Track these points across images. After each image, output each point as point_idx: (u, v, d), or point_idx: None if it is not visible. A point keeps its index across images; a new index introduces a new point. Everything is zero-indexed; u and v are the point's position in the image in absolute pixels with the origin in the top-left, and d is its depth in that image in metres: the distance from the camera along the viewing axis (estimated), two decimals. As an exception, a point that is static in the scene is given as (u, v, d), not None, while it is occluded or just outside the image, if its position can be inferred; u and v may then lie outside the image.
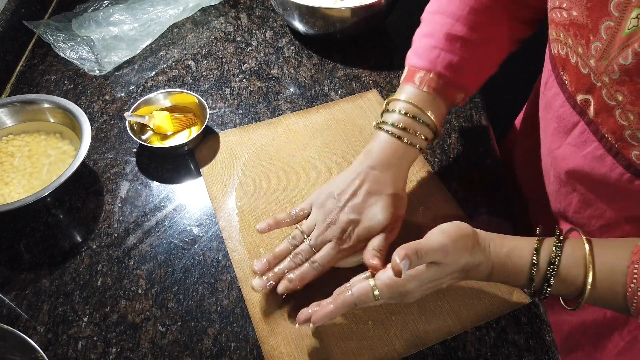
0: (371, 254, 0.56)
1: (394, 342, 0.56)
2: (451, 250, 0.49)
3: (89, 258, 0.64)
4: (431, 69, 0.61)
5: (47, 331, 0.58)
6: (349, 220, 0.58)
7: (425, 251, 0.48)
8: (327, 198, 0.60)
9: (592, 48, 0.46)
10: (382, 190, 0.59)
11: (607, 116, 0.48)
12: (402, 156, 0.60)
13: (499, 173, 0.72)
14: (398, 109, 0.60)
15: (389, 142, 0.60)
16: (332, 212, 0.59)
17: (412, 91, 0.61)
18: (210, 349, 0.56)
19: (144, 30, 0.91)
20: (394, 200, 0.59)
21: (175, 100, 0.78)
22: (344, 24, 0.85)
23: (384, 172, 0.59)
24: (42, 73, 0.87)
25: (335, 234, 0.58)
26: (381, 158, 0.60)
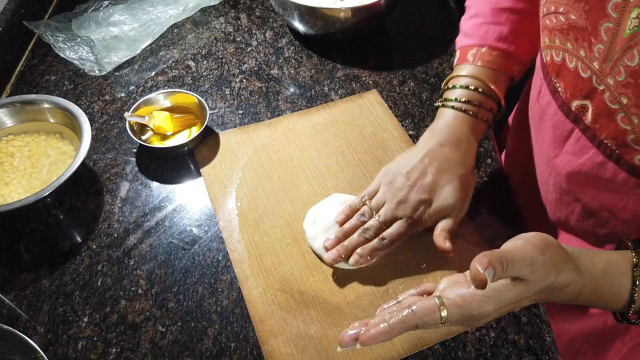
0: (442, 236, 0.57)
1: (394, 342, 0.56)
2: (540, 264, 0.41)
3: (89, 258, 0.64)
4: (483, 44, 0.61)
5: (47, 331, 0.58)
6: (421, 200, 0.58)
7: (512, 261, 0.40)
8: (395, 176, 0.60)
9: (595, 50, 0.46)
10: (453, 169, 0.59)
11: (607, 121, 0.47)
12: (470, 130, 0.60)
13: (499, 173, 0.72)
14: (459, 84, 0.61)
15: (455, 117, 0.60)
16: (402, 190, 0.59)
17: (469, 68, 0.61)
18: (210, 349, 0.56)
19: (143, 31, 0.91)
20: (465, 180, 0.59)
21: (175, 101, 0.78)
22: (344, 24, 0.85)
23: (453, 149, 0.59)
24: (42, 73, 0.87)
25: (407, 212, 0.58)
26: (449, 134, 0.60)
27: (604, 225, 0.56)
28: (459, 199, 0.58)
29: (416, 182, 0.59)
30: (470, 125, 0.60)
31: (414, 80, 0.85)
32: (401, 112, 0.80)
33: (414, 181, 0.59)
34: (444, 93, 0.62)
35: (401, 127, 0.77)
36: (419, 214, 0.58)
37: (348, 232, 0.61)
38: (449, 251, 0.56)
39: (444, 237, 0.57)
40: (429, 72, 0.86)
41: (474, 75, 0.60)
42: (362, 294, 0.60)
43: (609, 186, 0.51)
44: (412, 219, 0.58)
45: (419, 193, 0.58)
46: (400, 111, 0.80)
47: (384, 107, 0.80)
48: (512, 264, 0.40)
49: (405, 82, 0.85)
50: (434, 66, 0.87)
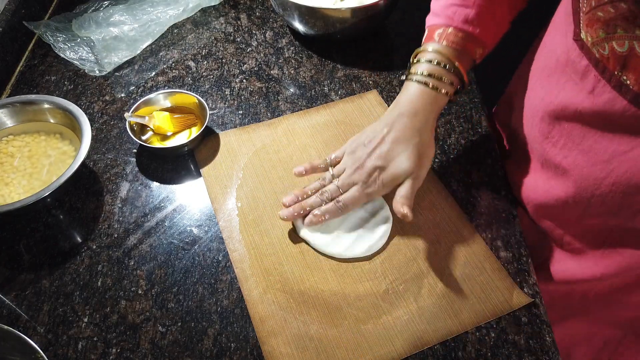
0: (399, 202, 0.60)
1: (394, 342, 0.56)
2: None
3: (89, 258, 0.64)
4: (449, 24, 0.63)
5: (47, 332, 0.58)
6: (375, 166, 0.62)
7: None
8: (357, 146, 0.64)
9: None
10: (409, 138, 0.62)
11: None
12: (429, 102, 0.63)
13: (499, 173, 0.72)
14: (424, 59, 0.63)
15: (417, 90, 0.63)
16: (360, 158, 0.63)
17: (435, 45, 0.64)
18: (211, 349, 0.56)
19: (144, 31, 0.91)
20: (420, 148, 0.62)
21: (175, 101, 0.78)
22: (344, 25, 0.85)
23: (411, 119, 0.62)
24: (42, 73, 0.87)
25: (362, 177, 0.62)
26: (409, 105, 0.63)
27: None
28: (412, 165, 0.61)
29: (374, 150, 0.63)
30: (430, 98, 0.63)
31: (414, 80, 0.85)
32: (401, 113, 0.80)
33: (371, 149, 0.63)
34: (410, 67, 0.66)
35: (401, 127, 0.77)
36: (373, 179, 0.62)
37: (307, 194, 0.65)
38: (406, 216, 0.59)
39: (401, 203, 0.60)
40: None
41: (440, 51, 0.63)
42: (362, 294, 0.60)
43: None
44: (367, 184, 0.62)
45: (375, 160, 0.62)
46: (400, 111, 0.80)
47: (384, 108, 0.80)
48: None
49: (406, 82, 0.85)
50: (434, 66, 0.87)
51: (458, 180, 0.71)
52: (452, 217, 0.67)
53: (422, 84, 0.63)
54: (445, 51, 0.63)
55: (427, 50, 0.64)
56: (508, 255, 0.64)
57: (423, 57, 0.64)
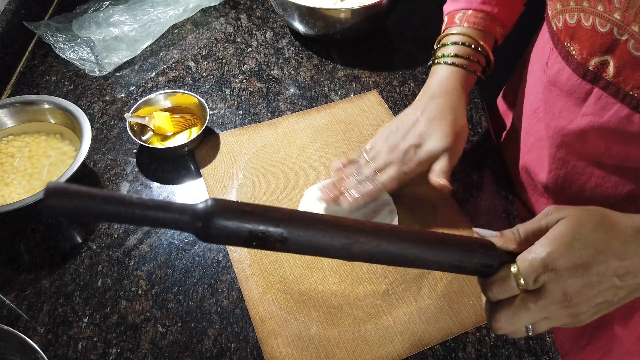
0: (436, 174, 0.60)
1: (394, 343, 0.56)
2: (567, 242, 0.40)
3: (89, 259, 0.64)
4: (468, 7, 0.65)
5: (47, 332, 0.58)
6: (410, 144, 0.62)
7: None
8: (390, 132, 0.64)
9: (616, 1, 0.47)
10: (443, 116, 0.62)
11: (632, 71, 0.48)
12: (460, 81, 0.64)
13: (499, 173, 0.72)
14: (449, 42, 0.65)
15: (446, 71, 0.64)
16: (395, 140, 0.63)
17: (457, 29, 0.65)
18: (211, 349, 0.56)
19: (144, 31, 0.91)
20: (455, 125, 0.62)
21: (176, 101, 0.78)
22: (344, 25, 0.85)
23: (443, 99, 0.63)
24: (43, 74, 0.87)
25: (398, 156, 0.62)
26: (439, 87, 0.64)
27: (628, 183, 0.57)
28: (449, 141, 0.61)
29: (409, 131, 0.63)
30: (459, 77, 0.64)
31: (414, 80, 0.85)
32: (401, 113, 0.80)
33: (406, 130, 0.63)
34: (435, 52, 0.67)
35: (401, 127, 0.77)
36: (409, 157, 0.62)
37: (343, 179, 0.65)
38: (444, 186, 0.59)
39: (437, 175, 0.60)
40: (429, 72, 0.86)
41: (463, 33, 0.65)
42: (362, 294, 0.60)
43: (636, 140, 0.52)
44: (403, 162, 0.62)
45: (410, 139, 0.62)
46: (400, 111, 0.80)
47: (384, 108, 0.80)
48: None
49: (406, 82, 0.85)
50: (434, 67, 0.87)
51: (458, 180, 0.71)
52: (452, 217, 0.67)
53: (451, 64, 0.64)
54: (469, 32, 0.64)
55: (451, 34, 0.65)
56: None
57: (448, 40, 0.65)
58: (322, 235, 0.37)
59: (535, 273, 0.39)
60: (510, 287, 0.40)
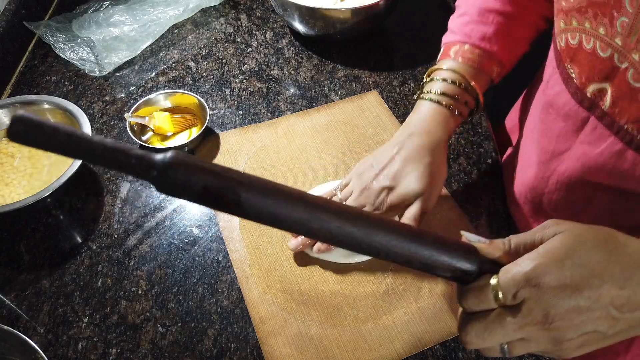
0: (406, 221, 0.57)
1: (394, 343, 0.56)
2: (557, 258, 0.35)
3: (89, 259, 0.64)
4: (466, 41, 0.61)
5: (47, 332, 0.58)
6: (382, 187, 0.58)
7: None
8: (365, 168, 0.61)
9: (618, 25, 0.43)
10: (420, 158, 0.58)
11: (629, 103, 0.45)
12: (442, 121, 0.60)
13: (499, 173, 0.72)
14: (438, 77, 0.61)
15: (429, 109, 0.60)
16: (368, 180, 0.60)
17: (450, 63, 0.62)
18: (211, 349, 0.56)
19: (144, 31, 0.91)
20: (432, 168, 0.58)
21: (176, 101, 0.78)
22: (344, 25, 0.85)
23: (422, 138, 0.59)
24: (43, 74, 0.87)
25: (369, 199, 0.59)
26: (421, 124, 0.60)
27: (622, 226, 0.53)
28: (422, 185, 0.57)
29: (382, 171, 0.59)
30: (443, 117, 0.60)
31: (414, 80, 0.85)
32: (401, 113, 0.80)
33: (379, 170, 0.59)
34: (423, 86, 0.63)
35: (401, 127, 0.77)
36: (380, 200, 0.58)
37: None
38: None
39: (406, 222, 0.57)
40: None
41: (454, 69, 0.61)
42: (362, 294, 0.60)
43: (628, 178, 0.48)
44: (374, 206, 0.59)
45: (383, 181, 0.59)
46: (400, 112, 0.80)
47: (384, 108, 0.80)
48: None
49: (406, 82, 0.85)
50: (434, 67, 0.87)
51: (458, 180, 0.71)
52: (452, 217, 0.67)
53: (435, 102, 0.60)
54: (461, 69, 0.60)
55: (441, 69, 0.62)
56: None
57: (437, 75, 0.62)
58: (281, 206, 0.36)
59: (515, 287, 0.35)
60: (486, 299, 0.36)
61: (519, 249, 0.38)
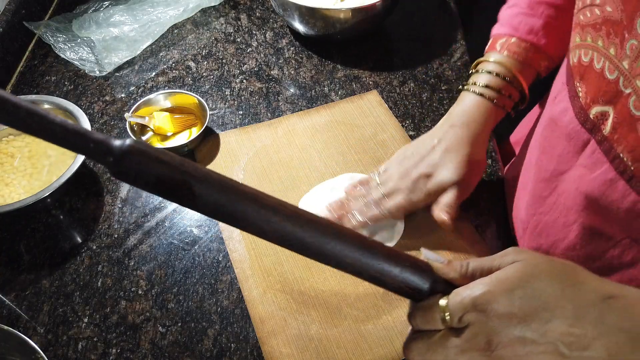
0: (440, 208, 0.58)
1: (394, 342, 0.56)
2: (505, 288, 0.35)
3: (89, 259, 0.64)
4: (513, 34, 0.61)
5: (47, 332, 0.58)
6: (422, 174, 0.60)
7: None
8: (405, 157, 0.63)
9: (627, 47, 0.41)
10: (459, 148, 0.59)
11: (628, 131, 0.43)
12: (485, 114, 0.60)
13: (499, 173, 0.72)
14: (483, 69, 0.61)
15: (472, 101, 0.61)
16: (408, 166, 0.61)
17: (496, 56, 0.61)
18: (211, 349, 0.56)
19: (144, 31, 0.91)
20: (470, 159, 0.59)
21: (176, 101, 0.78)
22: (344, 25, 0.85)
23: (463, 129, 0.60)
24: (43, 74, 0.87)
25: (407, 184, 0.60)
26: (462, 116, 0.61)
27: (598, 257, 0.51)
28: (460, 174, 0.59)
29: (422, 159, 0.61)
30: (485, 109, 0.60)
31: (414, 80, 0.85)
32: (401, 113, 0.80)
33: (420, 158, 0.61)
34: (469, 77, 0.63)
35: (401, 127, 0.77)
36: (419, 186, 0.60)
37: (353, 196, 0.64)
38: (445, 223, 0.57)
39: (440, 210, 0.58)
40: (429, 72, 0.86)
41: (500, 62, 0.61)
42: (362, 294, 0.60)
43: (613, 209, 0.46)
44: (412, 191, 0.60)
45: (422, 168, 0.60)
46: (400, 112, 0.80)
47: (384, 108, 0.80)
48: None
49: (406, 82, 0.85)
50: (434, 67, 0.87)
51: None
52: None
53: (479, 95, 0.60)
54: (507, 62, 0.60)
55: (488, 61, 0.61)
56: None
57: (483, 67, 0.61)
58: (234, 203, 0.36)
59: (462, 310, 0.35)
60: (433, 319, 0.36)
61: (475, 273, 0.37)
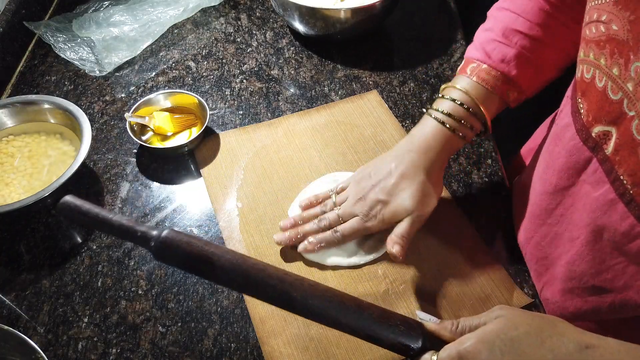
0: (393, 240, 0.58)
1: (394, 343, 0.56)
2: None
3: (89, 259, 0.64)
4: (484, 61, 0.60)
5: (47, 332, 0.58)
6: (377, 200, 0.60)
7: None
8: (363, 177, 0.62)
9: (632, 69, 0.40)
10: (414, 175, 0.59)
11: (629, 154, 0.42)
12: (443, 142, 0.60)
13: (499, 173, 0.72)
14: (448, 96, 0.60)
15: (432, 127, 0.60)
16: (364, 189, 0.61)
17: (465, 81, 0.61)
18: (211, 349, 0.56)
19: (144, 31, 0.91)
20: (425, 187, 0.59)
21: (176, 101, 0.78)
22: (344, 25, 0.85)
23: (420, 156, 0.60)
24: (43, 74, 0.87)
25: (363, 209, 0.60)
26: (421, 141, 0.60)
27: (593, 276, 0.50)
28: (414, 203, 0.58)
29: (378, 183, 0.60)
30: (445, 138, 0.60)
31: (414, 80, 0.85)
32: (401, 113, 0.80)
33: (376, 182, 0.60)
34: (435, 101, 0.62)
35: (401, 127, 0.77)
36: (374, 212, 0.60)
37: (306, 219, 0.64)
38: (395, 256, 0.57)
39: (393, 242, 0.57)
40: (429, 72, 0.86)
41: (466, 90, 0.59)
42: (362, 294, 0.60)
43: (610, 231, 0.45)
44: (367, 217, 0.60)
45: (378, 193, 0.60)
46: (400, 112, 0.80)
47: (384, 108, 0.80)
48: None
49: (406, 82, 0.85)
50: (434, 67, 0.87)
51: (458, 180, 0.71)
52: (452, 217, 0.67)
53: (440, 122, 0.60)
54: (473, 91, 0.59)
55: (454, 87, 0.60)
56: (508, 256, 0.64)
57: (448, 93, 0.61)
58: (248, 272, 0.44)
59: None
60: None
61: (464, 330, 0.42)
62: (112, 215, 0.44)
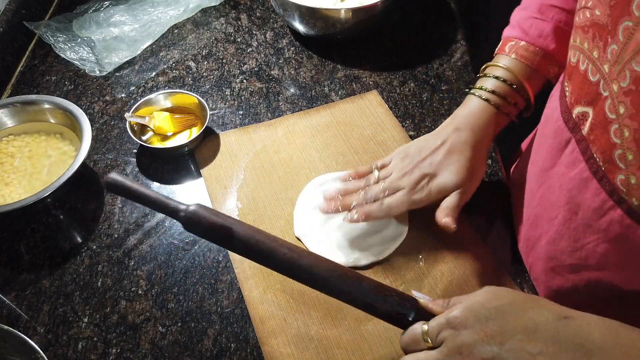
0: (444, 212, 0.58)
1: (394, 342, 0.56)
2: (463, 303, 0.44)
3: (89, 259, 0.64)
4: (522, 38, 0.61)
5: (47, 332, 0.58)
6: (424, 174, 0.60)
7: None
8: (408, 152, 0.63)
9: (609, 51, 0.42)
10: (462, 151, 0.60)
11: (601, 133, 0.44)
12: (489, 119, 0.61)
13: (499, 174, 0.72)
14: (491, 74, 0.61)
15: (477, 105, 0.61)
16: (410, 164, 0.61)
17: (505, 59, 0.61)
18: (211, 349, 0.56)
19: (144, 31, 0.91)
20: (473, 162, 0.60)
21: (176, 101, 0.78)
22: (344, 25, 0.85)
23: (467, 133, 0.60)
24: (43, 74, 0.87)
25: (409, 182, 0.60)
26: (467, 120, 0.61)
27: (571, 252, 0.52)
28: (462, 178, 0.59)
29: (425, 159, 0.61)
30: (490, 115, 0.61)
31: (414, 81, 0.85)
32: (401, 113, 0.80)
33: (423, 157, 0.61)
34: (477, 80, 0.63)
35: (401, 127, 0.77)
36: (420, 187, 0.60)
37: (350, 192, 0.63)
38: (448, 226, 0.58)
39: (444, 214, 0.58)
40: (430, 72, 0.86)
41: (508, 67, 0.61)
42: (363, 294, 0.60)
43: (585, 207, 0.47)
44: (414, 191, 0.60)
45: (425, 168, 0.60)
46: (400, 112, 0.80)
47: (384, 108, 0.80)
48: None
49: (406, 82, 0.85)
50: (435, 67, 0.87)
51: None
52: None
53: (484, 100, 0.60)
54: (515, 68, 0.60)
55: (496, 65, 0.61)
56: (507, 256, 0.64)
57: (491, 71, 0.61)
58: (262, 241, 0.50)
59: (438, 329, 0.43)
60: (418, 340, 0.45)
61: (454, 305, 0.45)
62: (149, 191, 0.51)
